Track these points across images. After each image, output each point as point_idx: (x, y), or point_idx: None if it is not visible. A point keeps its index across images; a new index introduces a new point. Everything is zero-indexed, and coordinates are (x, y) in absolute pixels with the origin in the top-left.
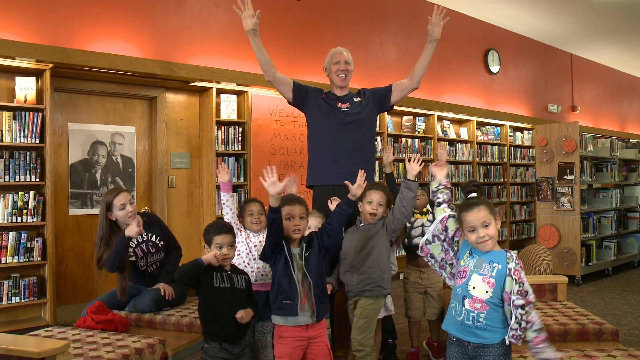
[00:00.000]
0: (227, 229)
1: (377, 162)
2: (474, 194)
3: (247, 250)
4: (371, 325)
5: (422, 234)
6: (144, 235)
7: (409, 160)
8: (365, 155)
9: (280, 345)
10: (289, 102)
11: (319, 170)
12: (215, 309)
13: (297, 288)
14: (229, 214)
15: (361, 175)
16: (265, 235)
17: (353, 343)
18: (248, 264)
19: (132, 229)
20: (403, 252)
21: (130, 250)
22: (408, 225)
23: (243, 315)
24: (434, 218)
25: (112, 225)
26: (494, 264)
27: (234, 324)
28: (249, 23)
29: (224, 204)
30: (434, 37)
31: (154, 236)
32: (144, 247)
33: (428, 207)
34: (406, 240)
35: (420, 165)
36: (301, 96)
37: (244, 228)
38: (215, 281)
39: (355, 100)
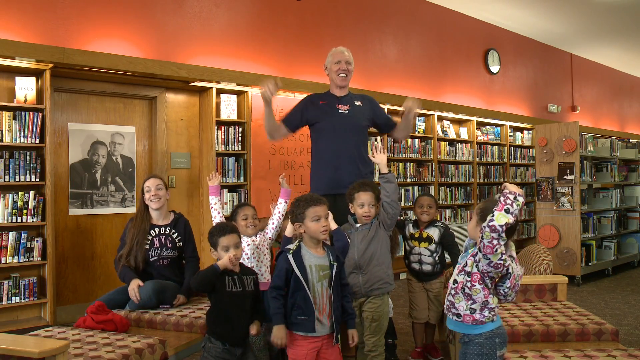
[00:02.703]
0: (231, 229)
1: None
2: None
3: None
4: (383, 326)
5: (419, 262)
6: (167, 229)
7: (373, 157)
8: (364, 160)
9: (297, 347)
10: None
11: (320, 180)
12: (227, 313)
13: (316, 300)
14: (217, 217)
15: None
16: (258, 236)
17: (367, 344)
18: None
19: (134, 288)
20: (402, 253)
21: (149, 237)
22: (407, 248)
23: (259, 330)
24: (435, 247)
25: (146, 206)
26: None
27: (244, 328)
28: (268, 98)
29: (212, 207)
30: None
31: (176, 234)
32: (162, 239)
33: (429, 232)
34: (406, 261)
35: (383, 153)
36: (302, 122)
37: None
38: (227, 285)
39: (356, 103)
